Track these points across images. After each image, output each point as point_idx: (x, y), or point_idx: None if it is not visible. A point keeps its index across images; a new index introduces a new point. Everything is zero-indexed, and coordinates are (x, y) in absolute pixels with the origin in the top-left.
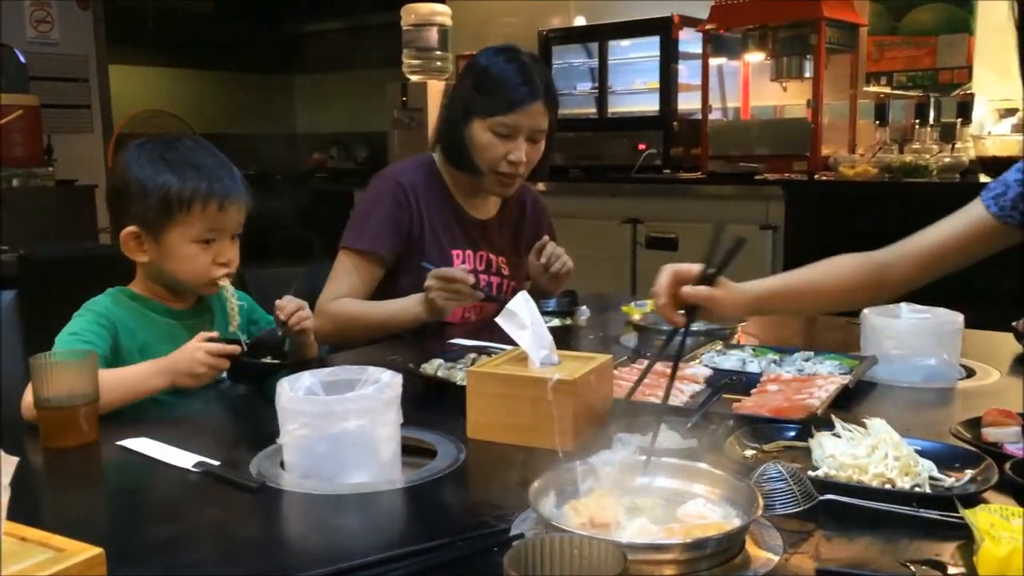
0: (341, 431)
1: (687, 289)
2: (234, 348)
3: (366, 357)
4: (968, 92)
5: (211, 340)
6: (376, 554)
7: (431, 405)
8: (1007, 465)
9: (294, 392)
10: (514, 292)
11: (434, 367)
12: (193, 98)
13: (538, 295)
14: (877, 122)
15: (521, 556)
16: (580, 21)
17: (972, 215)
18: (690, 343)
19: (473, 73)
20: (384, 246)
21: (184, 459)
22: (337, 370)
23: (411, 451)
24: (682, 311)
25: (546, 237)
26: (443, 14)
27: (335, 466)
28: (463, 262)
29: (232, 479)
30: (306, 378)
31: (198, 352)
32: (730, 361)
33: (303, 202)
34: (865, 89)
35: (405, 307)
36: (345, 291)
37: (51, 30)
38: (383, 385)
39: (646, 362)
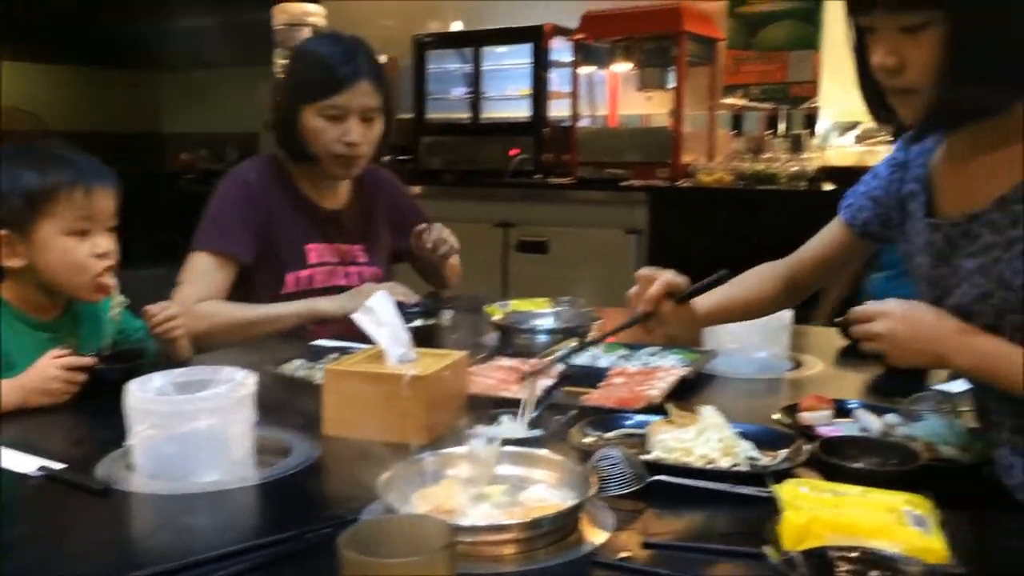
0: (191, 430)
1: (668, 307)
2: (89, 360)
3: (226, 358)
4: (814, 105)
5: (65, 354)
6: (223, 549)
7: (289, 405)
8: (815, 444)
9: (144, 393)
10: (374, 279)
11: (294, 367)
12: (51, 95)
13: (426, 275)
14: (733, 132)
15: (355, 536)
16: (458, 26)
17: (837, 224)
18: (547, 340)
19: (297, 60)
20: (238, 246)
21: (26, 463)
22: (190, 370)
23: (267, 450)
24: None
25: (424, 224)
26: (316, 14)
27: (185, 466)
28: (318, 256)
29: (75, 482)
30: (157, 379)
31: (50, 368)
32: (583, 357)
33: (169, 204)
34: (723, 101)
35: (309, 306)
36: (204, 293)
37: None
38: (236, 384)
39: (503, 358)
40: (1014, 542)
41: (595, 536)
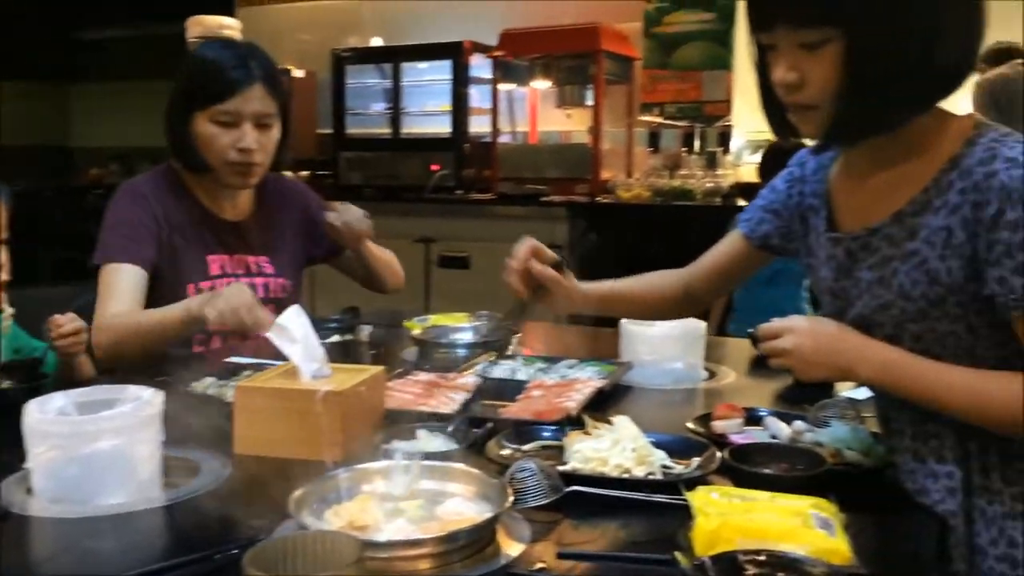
0: (94, 452)
1: (539, 267)
2: None
3: (132, 378)
4: (727, 124)
5: None
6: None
7: (200, 424)
8: (726, 452)
9: (43, 414)
10: (281, 291)
11: (205, 385)
12: None
13: (361, 276)
14: (651, 149)
15: (261, 554)
16: (377, 41)
17: (735, 236)
18: (466, 354)
19: (187, 67)
20: (143, 252)
21: None
22: (94, 390)
23: (175, 471)
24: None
25: (332, 211)
26: (231, 27)
27: (88, 488)
28: (219, 267)
29: None
30: (58, 398)
31: None
32: (501, 370)
33: (77, 220)
34: (640, 118)
35: (184, 306)
36: (122, 304)
37: None
38: (142, 403)
39: (421, 373)
40: (914, 543)
41: (511, 548)
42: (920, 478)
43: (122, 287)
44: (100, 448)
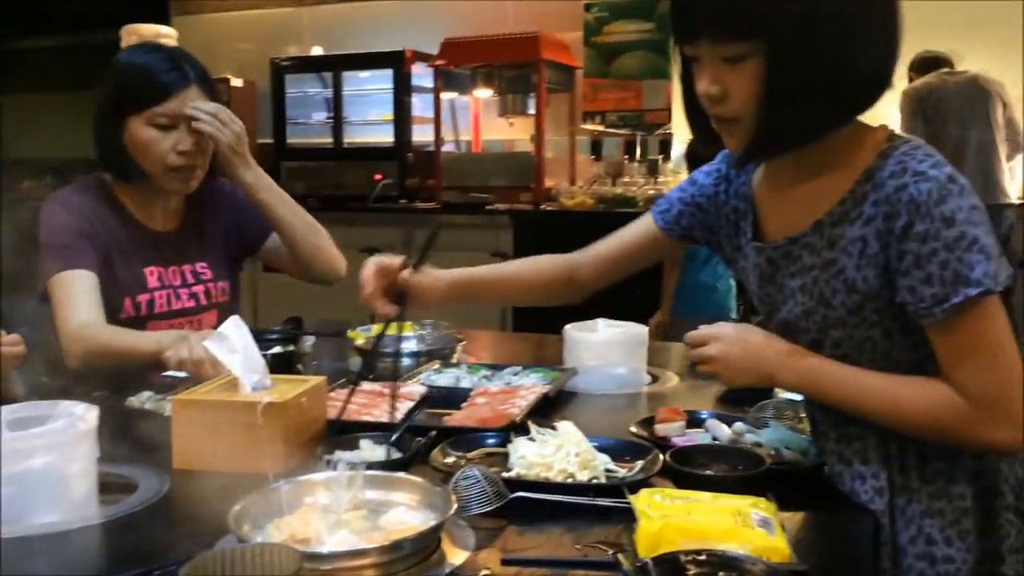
0: (26, 469)
1: (390, 280)
2: None
3: (67, 393)
4: (668, 132)
5: None
6: None
7: (137, 439)
8: (668, 454)
9: None
10: (222, 294)
11: (143, 399)
12: None
13: (291, 263)
14: (593, 157)
15: (199, 568)
16: (317, 50)
17: (644, 226)
18: (411, 363)
19: (116, 73)
20: (88, 258)
21: None
22: (25, 406)
23: (112, 488)
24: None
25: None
26: (168, 36)
27: (21, 507)
28: (157, 280)
29: None
30: None
31: None
32: (445, 378)
33: (9, 233)
34: (582, 127)
35: (155, 340)
36: (82, 311)
37: None
38: (75, 419)
39: (365, 383)
40: (850, 541)
41: (456, 556)
42: (848, 480)
43: (81, 294)
44: (33, 466)
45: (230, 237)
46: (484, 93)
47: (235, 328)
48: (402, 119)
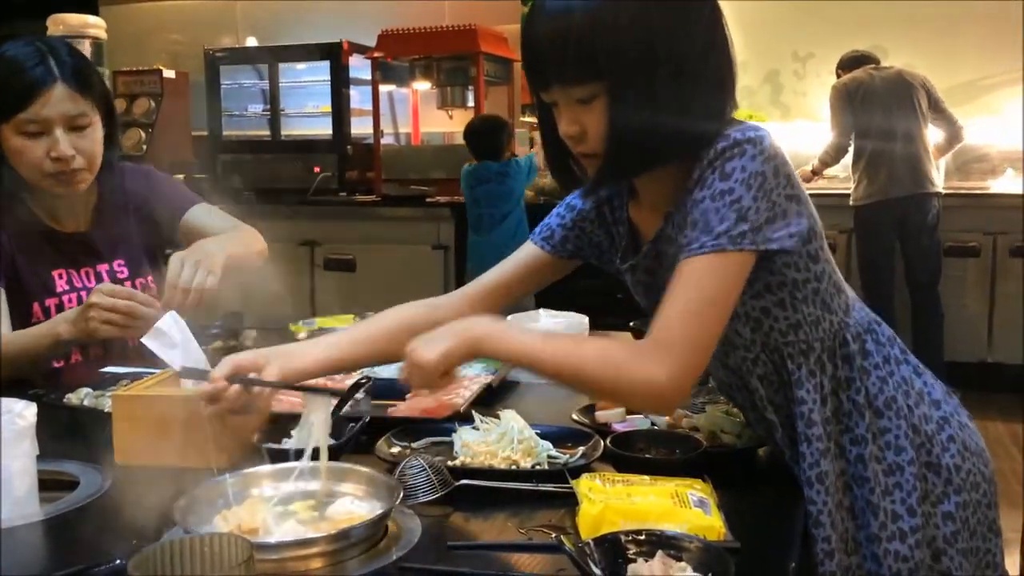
0: None
1: (238, 405)
2: None
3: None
4: None
5: None
6: None
7: (77, 436)
8: (609, 439)
9: None
10: (143, 287)
11: (80, 396)
12: None
13: None
14: (533, 150)
15: (146, 560)
16: (252, 41)
17: (527, 255)
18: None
19: None
20: None
21: None
22: None
23: (52, 485)
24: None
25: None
26: (96, 26)
27: None
28: (66, 283)
29: None
30: None
31: None
32: (389, 370)
33: None
34: (522, 119)
35: (42, 332)
36: None
37: None
38: (13, 416)
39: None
40: (782, 517)
41: (403, 544)
42: (787, 460)
43: None
44: None
45: (144, 225)
46: (423, 85)
47: (173, 323)
48: (340, 111)
